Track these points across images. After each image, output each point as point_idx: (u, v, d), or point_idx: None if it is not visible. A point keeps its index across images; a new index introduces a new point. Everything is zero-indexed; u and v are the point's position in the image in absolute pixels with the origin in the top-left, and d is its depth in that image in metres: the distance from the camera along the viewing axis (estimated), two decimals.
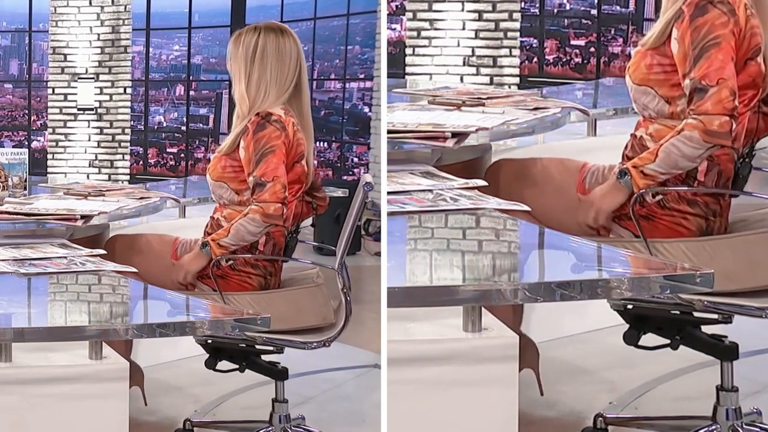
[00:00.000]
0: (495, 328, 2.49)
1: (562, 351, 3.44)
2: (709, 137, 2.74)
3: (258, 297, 3.43)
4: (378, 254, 2.34)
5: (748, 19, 2.81)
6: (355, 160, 8.77)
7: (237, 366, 3.48)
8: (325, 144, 9.01)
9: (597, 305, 3.69)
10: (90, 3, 8.64)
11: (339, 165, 8.85)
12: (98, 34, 8.66)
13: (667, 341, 2.90)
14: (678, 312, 2.84)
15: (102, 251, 3.55)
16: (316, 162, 3.65)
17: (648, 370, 3.75)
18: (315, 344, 3.31)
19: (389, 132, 2.97)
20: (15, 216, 3.78)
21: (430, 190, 2.80)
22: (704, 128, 2.74)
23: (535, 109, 3.25)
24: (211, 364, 3.48)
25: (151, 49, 9.16)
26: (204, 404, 4.01)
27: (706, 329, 2.89)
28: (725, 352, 2.90)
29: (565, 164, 3.08)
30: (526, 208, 2.72)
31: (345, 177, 8.69)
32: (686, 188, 2.84)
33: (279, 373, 3.49)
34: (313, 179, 3.57)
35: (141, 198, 4.01)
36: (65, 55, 8.70)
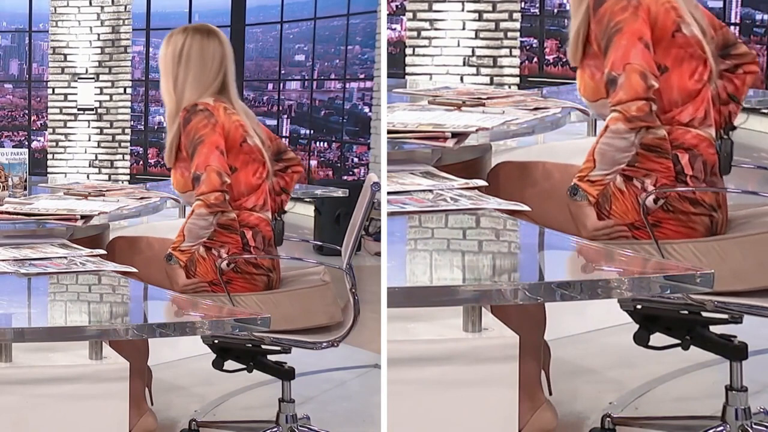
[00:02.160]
0: (495, 328, 2.49)
1: (562, 351, 3.44)
2: (633, 123, 2.75)
3: (265, 297, 3.43)
4: (378, 254, 2.33)
5: None
6: (355, 160, 8.77)
7: (244, 366, 3.47)
8: (325, 144, 9.01)
9: (597, 305, 3.70)
10: (90, 3, 8.63)
11: (339, 165, 8.84)
12: (98, 34, 8.65)
13: (676, 341, 2.90)
14: (686, 312, 2.84)
15: (102, 251, 3.55)
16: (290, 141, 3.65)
17: (648, 370, 3.75)
18: (325, 344, 3.31)
19: (389, 132, 2.97)
20: (15, 216, 3.78)
21: (430, 190, 2.80)
22: (624, 117, 2.75)
23: (535, 109, 3.25)
24: (218, 365, 3.48)
25: (151, 49, 9.16)
26: (204, 404, 4.01)
27: (714, 328, 2.89)
28: (735, 351, 2.90)
29: (570, 171, 3.07)
30: (526, 208, 2.72)
31: (345, 177, 8.69)
32: (686, 188, 2.83)
33: (286, 373, 3.49)
34: (277, 145, 3.57)
35: (141, 198, 4.01)
36: (65, 55, 8.70)
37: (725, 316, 2.79)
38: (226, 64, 3.48)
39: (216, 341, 3.46)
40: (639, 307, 2.89)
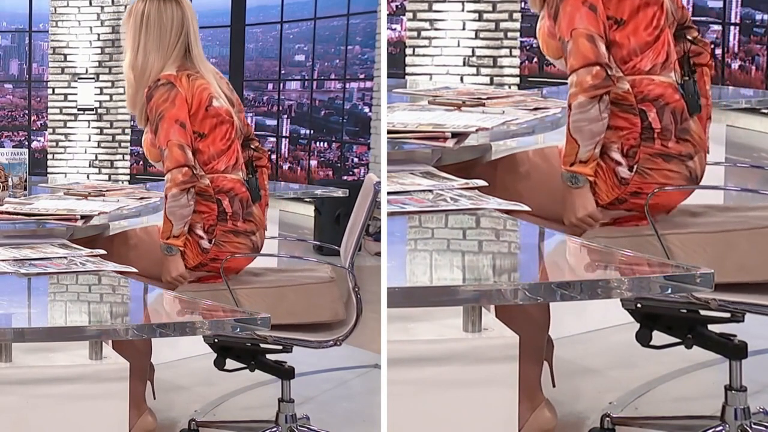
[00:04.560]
0: (495, 328, 2.48)
1: (562, 351, 3.44)
2: (592, 91, 2.76)
3: (269, 292, 3.43)
4: (378, 254, 2.34)
5: None
6: (355, 160, 8.77)
7: (245, 365, 3.47)
8: (325, 144, 9.01)
9: (597, 305, 3.69)
10: (90, 3, 8.64)
11: (339, 165, 8.84)
12: (98, 34, 8.66)
13: (677, 340, 2.90)
14: (685, 311, 2.84)
15: (102, 251, 3.55)
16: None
17: (648, 371, 3.75)
18: (331, 343, 3.31)
19: (389, 132, 2.97)
20: (15, 216, 3.78)
21: (430, 191, 2.80)
22: (582, 89, 2.76)
23: (535, 109, 3.25)
24: (220, 364, 3.48)
25: None
26: (204, 404, 4.01)
27: (715, 327, 2.89)
28: (734, 351, 2.90)
29: (545, 153, 3.09)
30: (526, 208, 2.71)
31: (345, 177, 8.69)
32: (682, 187, 2.83)
33: (286, 373, 3.49)
34: (247, 130, 3.56)
35: (141, 198, 4.01)
36: (65, 55, 8.70)
37: (727, 315, 2.79)
38: (187, 25, 3.47)
39: (216, 340, 3.46)
40: (639, 305, 2.89)
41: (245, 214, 3.44)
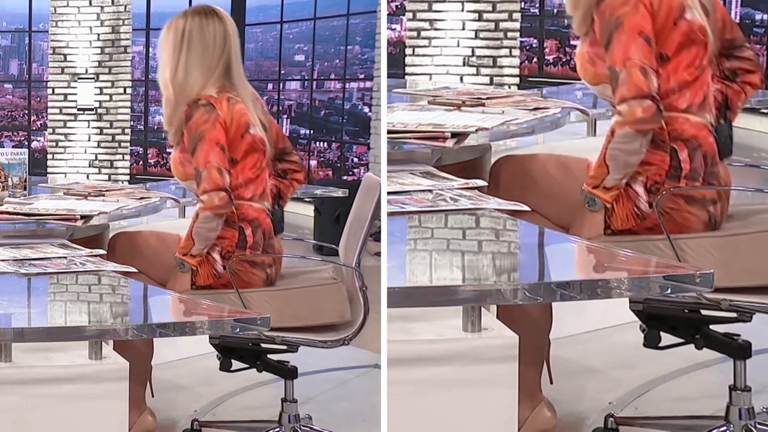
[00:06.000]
0: (495, 328, 2.49)
1: (562, 351, 3.45)
2: (641, 125, 2.72)
3: (275, 294, 3.42)
4: (378, 254, 2.34)
5: None
6: (355, 160, 8.77)
7: (248, 365, 3.46)
8: (325, 144, 9.01)
9: (597, 305, 3.69)
10: (90, 3, 8.63)
11: (339, 165, 8.84)
12: (98, 34, 8.65)
13: (681, 340, 2.89)
14: (692, 311, 2.83)
15: (102, 251, 3.55)
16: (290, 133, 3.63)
17: (648, 370, 3.75)
18: (339, 342, 3.31)
19: (389, 132, 2.97)
20: (15, 216, 3.78)
21: (430, 191, 2.80)
22: (632, 120, 2.72)
23: (535, 109, 3.25)
24: (226, 366, 3.47)
25: (151, 49, 9.16)
26: (204, 404, 4.01)
27: (721, 327, 2.89)
28: (739, 350, 2.89)
29: (563, 161, 3.08)
30: (526, 208, 2.71)
31: (345, 177, 8.69)
32: (687, 187, 2.82)
33: (289, 372, 3.48)
34: (283, 145, 3.54)
35: (141, 198, 4.01)
36: (65, 55, 8.70)
37: (733, 315, 2.78)
38: (229, 43, 3.39)
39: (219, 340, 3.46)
40: (642, 307, 2.88)
41: (266, 246, 3.42)
